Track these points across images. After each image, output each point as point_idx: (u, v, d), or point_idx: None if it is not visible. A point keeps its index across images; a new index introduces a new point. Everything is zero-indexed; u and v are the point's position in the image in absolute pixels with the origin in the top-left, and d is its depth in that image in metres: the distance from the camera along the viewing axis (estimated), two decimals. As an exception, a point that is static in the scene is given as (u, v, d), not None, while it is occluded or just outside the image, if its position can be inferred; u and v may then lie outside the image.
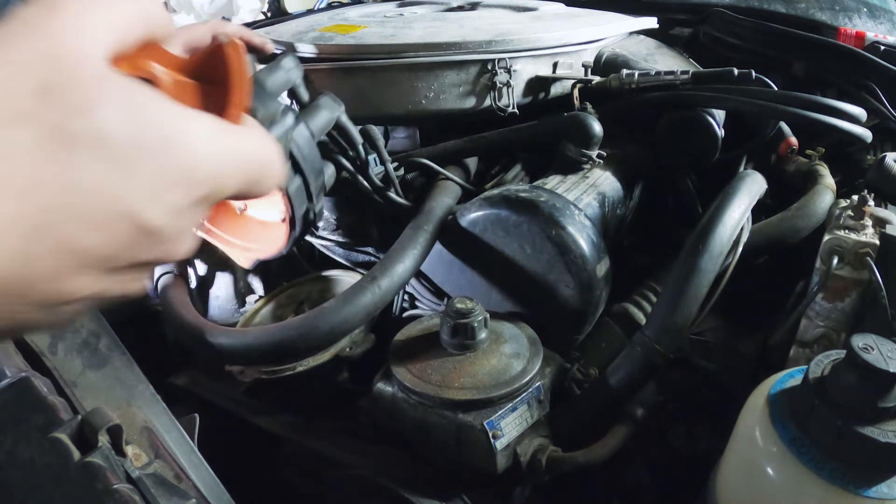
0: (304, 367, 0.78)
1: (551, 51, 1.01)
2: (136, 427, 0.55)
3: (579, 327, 0.80)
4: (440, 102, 0.97)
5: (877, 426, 0.47)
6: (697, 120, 0.93)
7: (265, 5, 3.02)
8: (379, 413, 0.72)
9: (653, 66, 1.04)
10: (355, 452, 0.72)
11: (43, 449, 0.46)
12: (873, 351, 0.47)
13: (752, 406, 0.55)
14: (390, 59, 0.95)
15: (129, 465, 0.48)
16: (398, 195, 0.92)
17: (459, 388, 0.66)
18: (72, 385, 0.55)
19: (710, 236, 0.69)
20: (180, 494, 0.49)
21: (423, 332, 0.75)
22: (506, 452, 0.65)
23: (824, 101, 0.88)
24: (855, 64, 1.09)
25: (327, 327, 0.71)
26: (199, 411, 0.61)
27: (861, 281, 0.67)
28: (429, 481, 0.67)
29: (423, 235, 0.81)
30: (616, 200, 0.92)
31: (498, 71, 0.95)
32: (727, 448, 0.59)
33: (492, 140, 0.97)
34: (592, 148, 0.91)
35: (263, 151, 0.32)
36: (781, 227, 0.84)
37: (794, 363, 0.73)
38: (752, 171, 0.80)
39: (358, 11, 1.37)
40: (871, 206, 0.70)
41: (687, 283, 0.67)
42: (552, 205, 0.77)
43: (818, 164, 0.98)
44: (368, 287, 0.73)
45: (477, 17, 1.20)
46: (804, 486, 0.49)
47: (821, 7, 1.35)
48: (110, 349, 0.60)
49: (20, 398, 0.49)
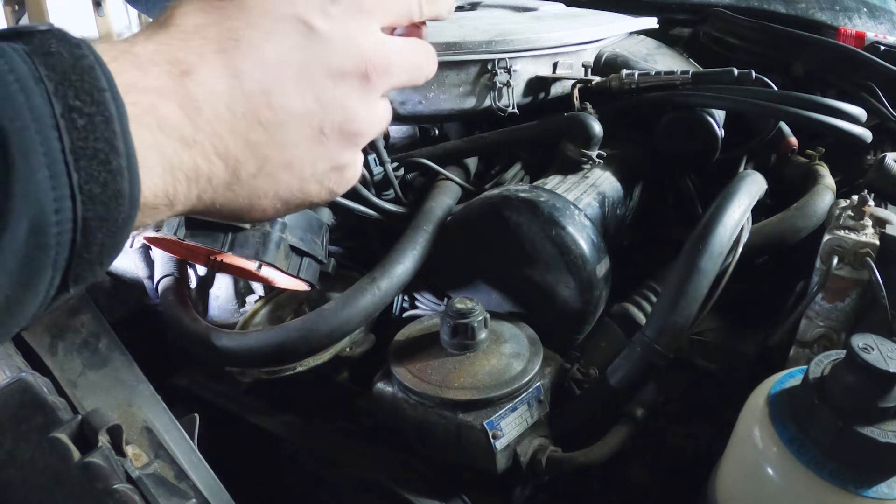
0: (304, 367, 0.78)
1: (551, 51, 1.01)
2: (136, 427, 0.55)
3: (579, 327, 0.80)
4: (440, 102, 0.97)
5: (877, 426, 0.47)
6: (697, 120, 0.93)
7: (265, 5, 3.02)
8: (379, 413, 0.72)
9: (653, 66, 1.04)
10: (355, 452, 0.72)
11: (43, 449, 0.46)
12: (873, 351, 0.47)
13: (752, 406, 0.55)
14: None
15: (129, 465, 0.48)
16: (398, 196, 0.92)
17: (459, 388, 0.66)
18: (72, 385, 0.55)
19: (710, 236, 0.69)
20: (180, 494, 0.49)
21: (423, 332, 0.75)
22: (506, 452, 0.65)
23: (824, 101, 0.88)
24: (855, 64, 1.09)
25: (327, 329, 0.71)
26: (199, 411, 0.61)
27: (861, 281, 0.67)
28: (429, 481, 0.67)
29: (422, 236, 0.81)
30: (616, 200, 0.92)
31: (498, 71, 0.95)
32: (727, 448, 0.59)
33: (492, 140, 0.97)
34: (592, 148, 0.91)
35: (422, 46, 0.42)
36: (781, 227, 0.84)
37: (794, 363, 0.73)
38: (752, 171, 0.80)
39: (358, 11, 1.36)
40: (871, 206, 0.70)
41: (687, 283, 0.67)
42: (552, 205, 0.77)
43: (818, 164, 0.98)
44: (368, 288, 0.73)
45: (477, 17, 1.20)
46: (804, 486, 0.49)
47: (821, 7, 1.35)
48: (110, 349, 0.60)
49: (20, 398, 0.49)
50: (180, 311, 0.80)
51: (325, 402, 0.85)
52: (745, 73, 0.93)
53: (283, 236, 0.70)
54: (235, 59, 0.32)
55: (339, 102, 0.35)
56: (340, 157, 0.38)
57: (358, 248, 0.96)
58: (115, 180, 0.27)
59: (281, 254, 0.70)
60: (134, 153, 0.28)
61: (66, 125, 0.25)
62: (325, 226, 0.79)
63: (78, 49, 0.27)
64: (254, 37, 0.33)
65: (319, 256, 0.75)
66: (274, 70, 0.33)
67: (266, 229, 0.69)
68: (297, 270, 0.72)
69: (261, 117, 0.33)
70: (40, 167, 0.25)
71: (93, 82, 0.26)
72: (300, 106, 0.34)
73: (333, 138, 0.36)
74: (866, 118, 0.90)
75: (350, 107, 0.36)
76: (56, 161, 0.25)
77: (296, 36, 0.34)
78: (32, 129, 0.25)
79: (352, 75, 0.36)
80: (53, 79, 0.26)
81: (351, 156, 0.39)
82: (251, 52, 0.32)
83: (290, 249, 0.72)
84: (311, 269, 0.74)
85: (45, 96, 0.25)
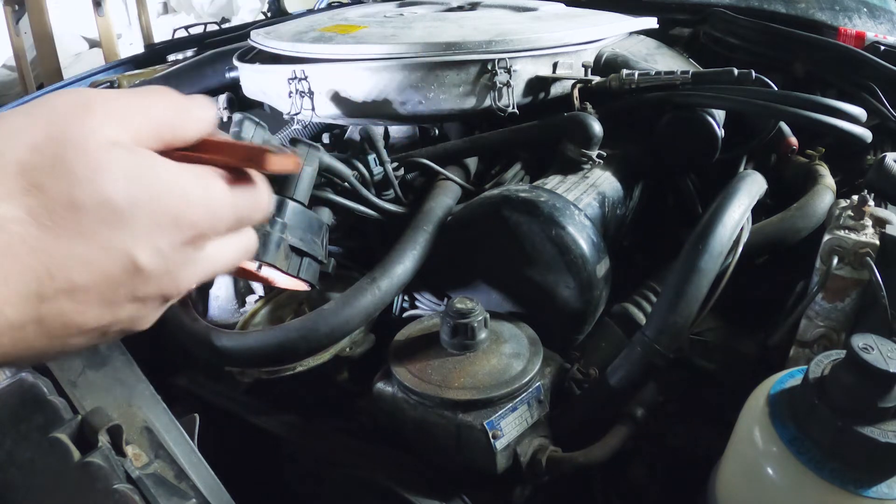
0: (304, 367, 0.78)
1: (551, 51, 1.01)
2: (136, 427, 0.55)
3: (579, 327, 0.80)
4: (440, 102, 0.97)
5: (877, 426, 0.47)
6: (697, 120, 0.93)
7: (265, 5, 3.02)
8: (379, 413, 0.72)
9: (653, 66, 1.04)
10: (355, 452, 0.72)
11: (43, 449, 0.46)
12: (873, 351, 0.47)
13: (752, 406, 0.55)
14: (390, 60, 0.95)
15: (129, 465, 0.48)
16: (398, 196, 0.92)
17: (459, 388, 0.66)
18: (72, 385, 0.55)
19: (710, 236, 0.69)
20: (180, 494, 0.49)
21: (423, 332, 0.75)
22: (506, 452, 0.65)
23: (824, 101, 0.88)
24: (855, 64, 1.09)
25: (327, 329, 0.71)
26: (199, 411, 0.61)
27: (861, 281, 0.67)
28: (429, 481, 0.67)
29: (422, 236, 0.81)
30: (616, 200, 0.92)
31: (498, 71, 0.95)
32: (727, 448, 0.59)
33: (492, 140, 0.97)
34: (592, 148, 0.91)
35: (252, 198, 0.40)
36: (781, 227, 0.84)
37: (794, 363, 0.73)
38: (752, 171, 0.80)
39: (358, 11, 1.37)
40: (871, 206, 0.70)
41: (687, 283, 0.67)
42: (552, 205, 0.77)
43: (818, 164, 0.98)
44: (368, 288, 0.73)
45: (477, 17, 1.20)
46: (804, 486, 0.49)
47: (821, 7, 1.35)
48: (110, 349, 0.60)
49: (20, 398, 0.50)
50: (180, 310, 0.80)
51: (325, 402, 0.85)
52: (745, 73, 0.93)
53: (283, 236, 0.70)
54: (42, 285, 0.32)
55: (130, 318, 0.37)
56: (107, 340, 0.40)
57: (358, 248, 0.96)
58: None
59: (281, 254, 0.70)
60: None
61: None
62: (325, 226, 0.79)
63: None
64: (72, 267, 0.33)
65: (319, 256, 0.75)
66: (80, 298, 0.34)
67: (266, 229, 0.69)
68: (297, 270, 0.72)
69: (52, 333, 0.34)
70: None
71: None
72: (94, 322, 0.35)
73: (110, 336, 0.38)
74: (866, 118, 0.90)
75: (139, 319, 0.38)
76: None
77: (118, 270, 0.34)
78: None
79: (153, 300, 0.37)
80: None
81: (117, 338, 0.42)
82: (62, 279, 0.33)
83: (290, 249, 0.72)
84: (311, 269, 0.74)
85: None
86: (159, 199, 0.34)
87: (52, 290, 0.33)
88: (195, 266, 0.38)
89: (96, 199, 0.32)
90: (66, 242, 0.32)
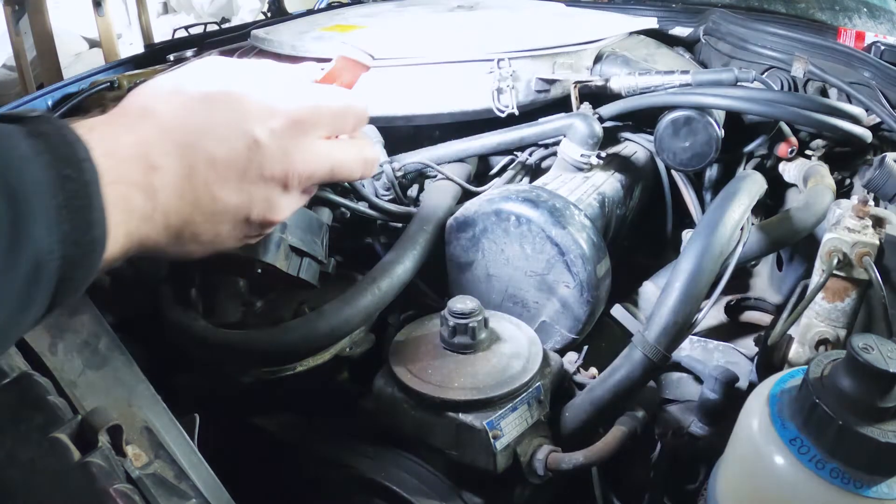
0: (304, 367, 0.78)
1: (551, 51, 1.01)
2: (136, 427, 0.54)
3: (579, 327, 0.80)
4: (440, 103, 0.97)
5: (877, 426, 0.47)
6: (697, 120, 0.93)
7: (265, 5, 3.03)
8: (379, 413, 0.72)
9: (653, 66, 1.04)
10: (355, 452, 0.72)
11: (43, 449, 0.46)
12: (873, 351, 0.47)
13: (752, 406, 0.55)
14: (390, 60, 0.95)
15: (129, 465, 0.48)
16: (398, 196, 0.92)
17: (459, 388, 0.66)
18: (72, 385, 0.55)
19: (710, 236, 0.69)
20: (180, 494, 0.49)
21: (423, 332, 0.75)
22: (506, 452, 0.65)
23: (824, 101, 0.88)
24: (855, 64, 1.09)
25: (328, 329, 0.71)
26: (199, 411, 0.61)
27: (861, 281, 0.67)
28: (429, 481, 0.67)
29: (422, 236, 0.81)
30: (616, 200, 0.92)
31: (498, 71, 0.95)
32: (727, 448, 0.59)
33: (491, 140, 0.97)
34: (592, 148, 0.91)
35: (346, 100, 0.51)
36: (781, 227, 0.84)
37: (794, 363, 0.73)
38: (752, 171, 0.80)
39: (358, 11, 1.37)
40: (871, 206, 0.70)
41: (687, 283, 0.67)
42: (552, 205, 0.77)
43: (818, 164, 0.98)
44: (368, 289, 0.73)
45: (477, 17, 1.20)
46: (804, 485, 0.49)
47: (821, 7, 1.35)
48: (110, 349, 0.59)
49: (20, 398, 0.49)
50: (180, 311, 0.80)
51: (325, 402, 0.85)
52: (745, 73, 0.94)
53: (283, 236, 0.70)
54: (192, 158, 0.42)
55: (264, 198, 0.46)
56: (253, 234, 0.49)
57: (358, 248, 0.96)
58: (92, 230, 0.36)
59: (281, 254, 0.70)
60: (104, 213, 0.37)
61: (60, 188, 0.34)
62: (325, 226, 0.79)
63: (63, 129, 0.36)
64: (209, 142, 0.43)
65: (319, 256, 0.75)
66: (221, 169, 0.43)
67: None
68: (297, 270, 0.72)
69: (202, 205, 0.43)
70: (44, 219, 0.34)
71: (76, 154, 0.36)
72: (235, 199, 0.44)
73: (255, 224, 0.47)
74: (866, 118, 0.91)
75: (272, 201, 0.46)
76: (52, 215, 0.34)
77: (243, 145, 0.44)
78: (38, 191, 0.34)
79: (278, 180, 0.46)
80: (49, 152, 0.35)
81: (262, 232, 0.50)
82: (204, 154, 0.43)
83: (290, 249, 0.72)
84: (311, 269, 0.74)
85: (43, 167, 0.34)
86: (266, 90, 0.46)
87: (196, 160, 0.42)
88: (308, 153, 0.47)
89: (223, 90, 0.44)
90: (200, 121, 0.43)
